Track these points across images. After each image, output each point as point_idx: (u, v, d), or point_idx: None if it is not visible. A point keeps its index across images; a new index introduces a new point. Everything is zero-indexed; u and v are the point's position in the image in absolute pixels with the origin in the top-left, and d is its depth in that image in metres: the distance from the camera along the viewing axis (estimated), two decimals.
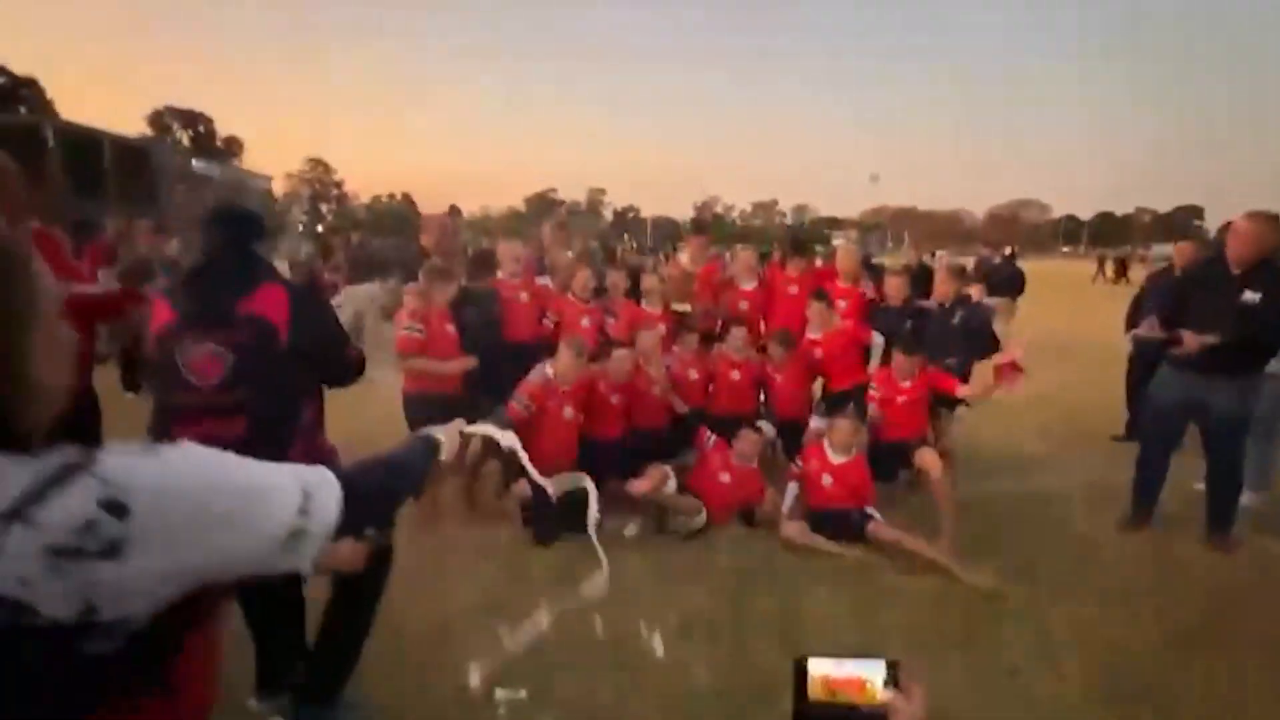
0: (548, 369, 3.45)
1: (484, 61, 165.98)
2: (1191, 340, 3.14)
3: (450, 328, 3.46)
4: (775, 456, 4.16)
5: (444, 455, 1.12)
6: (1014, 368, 3.46)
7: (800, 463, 3.55)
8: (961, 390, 3.76)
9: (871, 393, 3.75)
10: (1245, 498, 3.73)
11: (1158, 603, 2.85)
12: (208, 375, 1.67)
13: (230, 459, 0.70)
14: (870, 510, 3.35)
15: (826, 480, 3.41)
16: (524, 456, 1.38)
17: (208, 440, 0.83)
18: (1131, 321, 4.63)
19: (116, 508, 0.58)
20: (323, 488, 0.77)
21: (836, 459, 3.43)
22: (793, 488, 3.53)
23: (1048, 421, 5.61)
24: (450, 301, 3.52)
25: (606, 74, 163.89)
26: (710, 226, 5.87)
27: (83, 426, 2.52)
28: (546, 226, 4.64)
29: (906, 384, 3.69)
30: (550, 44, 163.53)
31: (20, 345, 0.61)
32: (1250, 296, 3.08)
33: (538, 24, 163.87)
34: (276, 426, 1.72)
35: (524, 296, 3.96)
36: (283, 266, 11.18)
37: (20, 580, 0.54)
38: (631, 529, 3.48)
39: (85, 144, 35.60)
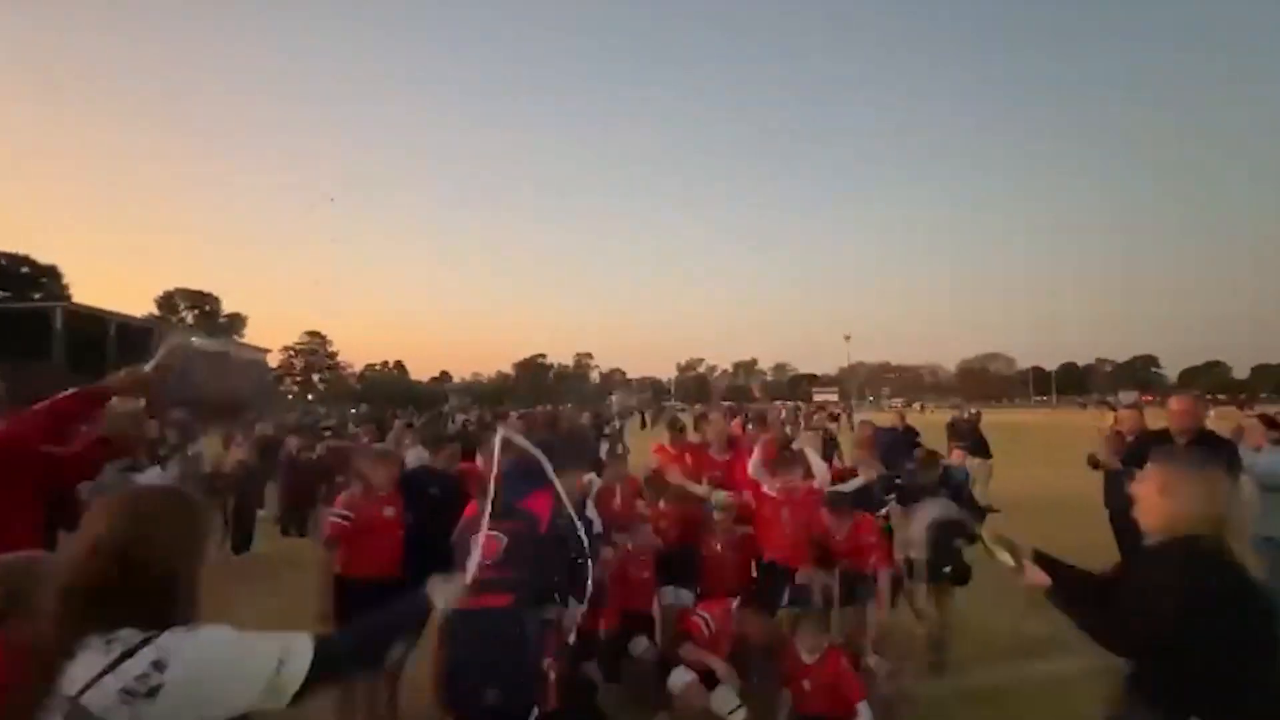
0: None
1: (475, 235, 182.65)
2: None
3: (389, 510, 3.39)
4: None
5: (440, 605, 1.47)
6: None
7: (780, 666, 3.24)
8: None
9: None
10: None
11: None
12: (489, 554, 2.04)
13: (236, 635, 1.07)
14: (861, 710, 3.03)
15: (806, 684, 3.14)
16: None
17: (483, 610, 1.85)
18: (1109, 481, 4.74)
19: (160, 666, 0.96)
20: (296, 652, 1.10)
21: (809, 659, 3.17)
22: (785, 696, 3.26)
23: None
24: (403, 480, 3.52)
25: (594, 242, 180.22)
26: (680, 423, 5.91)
27: None
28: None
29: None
30: (540, 216, 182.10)
31: (190, 571, 1.08)
32: None
33: (528, 200, 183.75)
34: (536, 605, 2.09)
35: None
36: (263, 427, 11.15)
37: (105, 708, 0.92)
38: None
39: (91, 325, 37.48)
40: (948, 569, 3.97)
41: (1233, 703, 1.48)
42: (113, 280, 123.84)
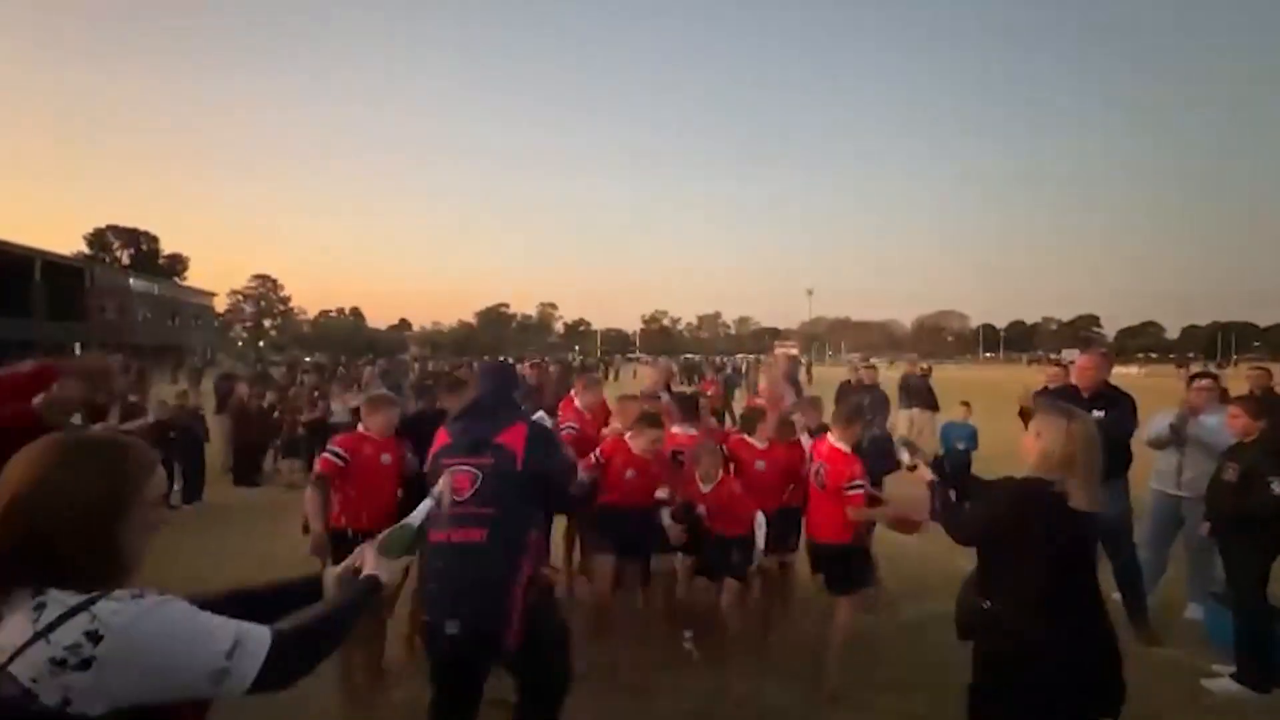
0: None
1: (437, 181, 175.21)
2: None
3: (387, 457, 3.21)
4: None
5: (387, 586, 1.33)
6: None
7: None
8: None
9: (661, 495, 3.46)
10: (1190, 610, 4.05)
11: None
12: (462, 490, 2.06)
13: (188, 613, 0.96)
14: (758, 520, 3.36)
15: (701, 509, 3.38)
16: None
17: (455, 544, 1.94)
18: None
19: (95, 637, 0.87)
20: (251, 641, 0.99)
21: (705, 488, 3.43)
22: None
23: None
24: (404, 429, 3.34)
25: (557, 192, 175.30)
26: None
27: None
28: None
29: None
30: (502, 161, 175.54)
31: (113, 525, 0.96)
32: (1097, 414, 3.64)
33: (488, 142, 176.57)
34: (509, 540, 2.06)
35: None
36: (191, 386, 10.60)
37: (33, 678, 0.85)
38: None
39: (14, 263, 34.72)
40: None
41: (1017, 593, 1.89)
42: (37, 215, 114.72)
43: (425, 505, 1.57)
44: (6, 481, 0.94)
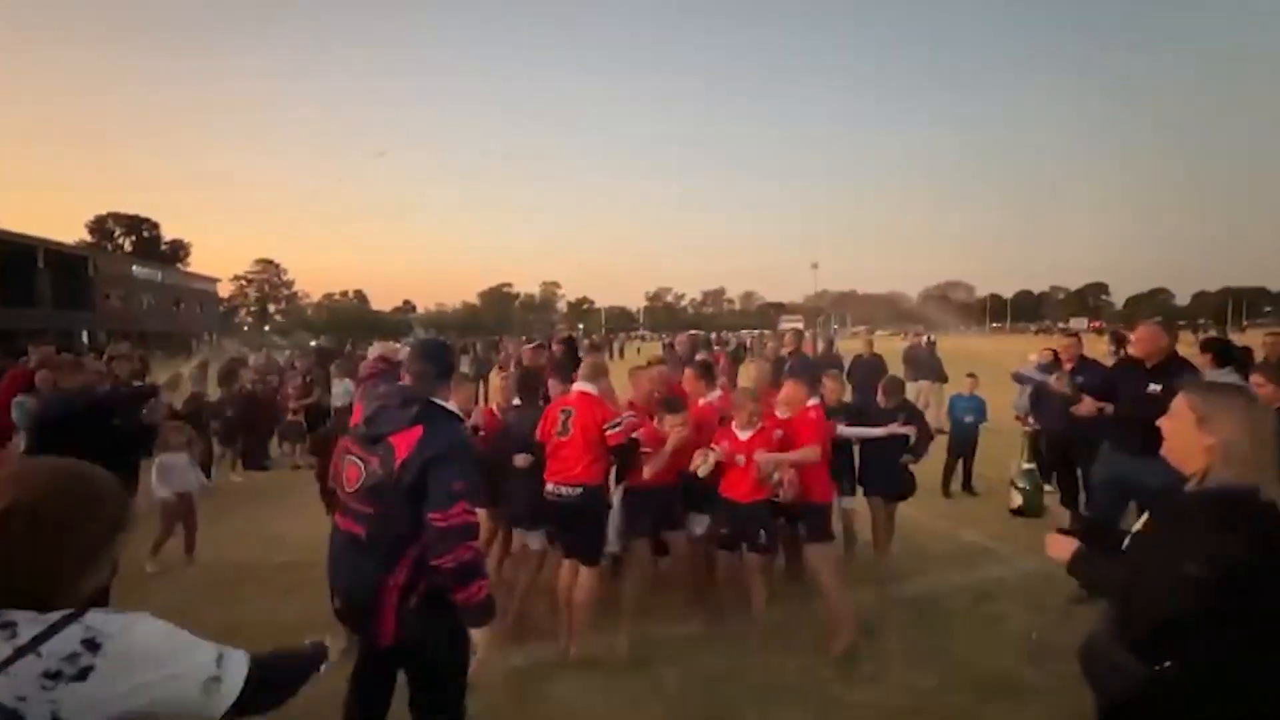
0: None
1: (438, 161, 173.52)
2: (1088, 405, 3.76)
3: None
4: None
5: (331, 657, 1.42)
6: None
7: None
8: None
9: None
10: None
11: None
12: (350, 481, 2.01)
13: (169, 625, 0.98)
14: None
15: (740, 460, 3.33)
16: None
17: (343, 532, 1.97)
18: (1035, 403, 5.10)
19: (93, 645, 0.86)
20: (234, 657, 1.04)
21: (743, 435, 3.38)
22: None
23: (985, 508, 5.67)
24: None
25: (561, 169, 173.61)
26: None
27: None
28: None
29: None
30: (507, 150, 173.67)
31: (91, 558, 0.94)
32: (1154, 387, 3.48)
33: (493, 133, 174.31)
34: (389, 540, 1.92)
35: None
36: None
37: (19, 695, 0.81)
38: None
39: (17, 252, 34.70)
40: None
41: (1216, 653, 1.32)
42: (38, 204, 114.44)
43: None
44: None
